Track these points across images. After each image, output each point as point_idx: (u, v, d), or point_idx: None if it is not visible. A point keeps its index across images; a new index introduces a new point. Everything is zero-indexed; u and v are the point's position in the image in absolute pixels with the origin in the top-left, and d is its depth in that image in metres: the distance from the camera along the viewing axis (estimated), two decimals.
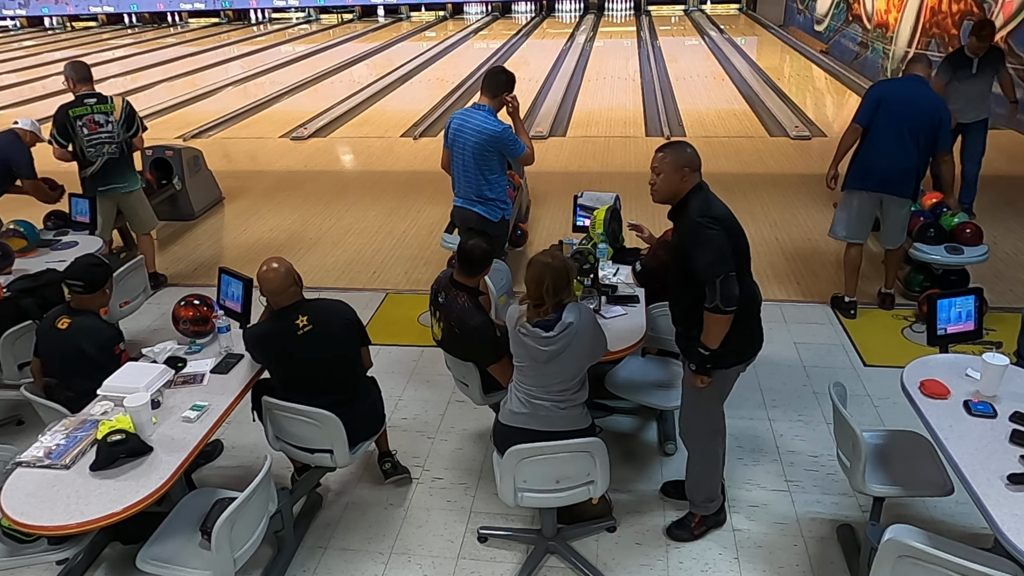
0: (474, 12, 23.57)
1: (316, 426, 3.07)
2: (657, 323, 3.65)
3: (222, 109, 11.90)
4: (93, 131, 5.22)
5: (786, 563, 3.12)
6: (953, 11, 10.13)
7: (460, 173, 4.38)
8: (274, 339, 3.16)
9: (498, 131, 4.21)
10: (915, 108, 4.55)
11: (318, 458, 3.22)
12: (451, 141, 4.36)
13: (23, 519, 2.47)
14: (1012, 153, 8.33)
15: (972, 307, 3.22)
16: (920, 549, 2.16)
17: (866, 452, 2.79)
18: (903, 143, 4.56)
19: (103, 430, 2.68)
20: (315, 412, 3.02)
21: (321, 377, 3.14)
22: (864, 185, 4.73)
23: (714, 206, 2.87)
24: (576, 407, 2.92)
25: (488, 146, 4.23)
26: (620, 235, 4.25)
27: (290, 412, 3.09)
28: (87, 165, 5.29)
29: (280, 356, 3.16)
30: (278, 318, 3.16)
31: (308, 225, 6.99)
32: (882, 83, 5.04)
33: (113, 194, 5.41)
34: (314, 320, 3.11)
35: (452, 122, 4.36)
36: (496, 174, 4.35)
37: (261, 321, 3.30)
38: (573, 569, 3.10)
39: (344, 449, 3.12)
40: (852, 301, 5.00)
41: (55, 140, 5.24)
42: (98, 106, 5.24)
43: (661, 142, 9.25)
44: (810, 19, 16.64)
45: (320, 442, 3.14)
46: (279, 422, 3.19)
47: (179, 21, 24.81)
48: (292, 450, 3.26)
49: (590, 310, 3.12)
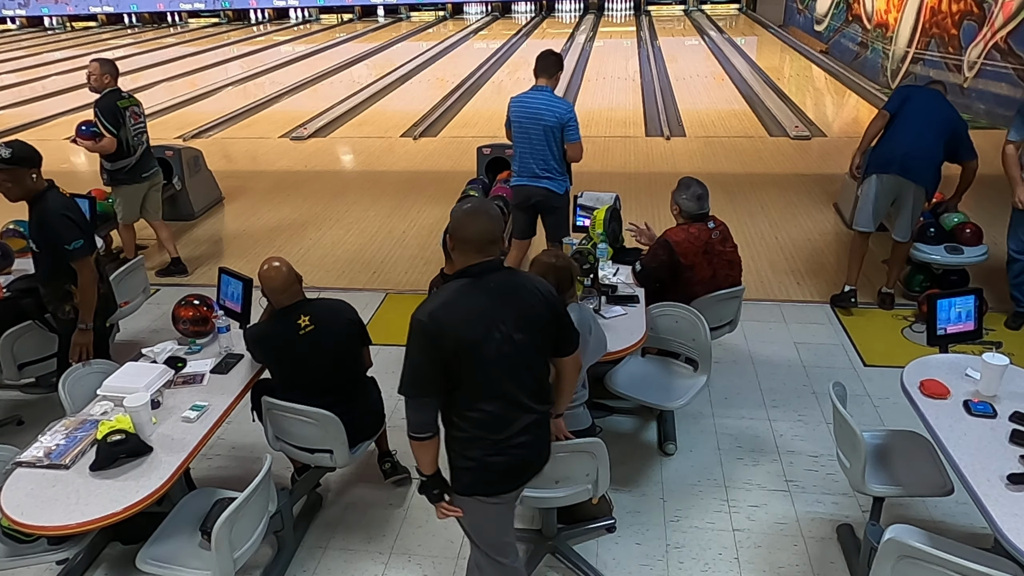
0: (474, 12, 23.56)
1: (316, 426, 3.06)
2: (657, 323, 3.65)
3: (222, 109, 11.90)
4: (136, 122, 5.61)
5: (786, 563, 3.12)
6: (953, 11, 10.13)
7: (527, 152, 4.61)
8: (276, 339, 3.15)
9: (568, 111, 4.50)
10: (941, 107, 4.79)
11: (318, 458, 3.22)
12: (516, 123, 4.59)
13: (23, 519, 2.48)
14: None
15: (972, 307, 3.22)
16: (920, 549, 2.16)
17: (866, 452, 2.80)
18: (928, 133, 4.69)
19: (103, 430, 2.69)
20: (315, 412, 3.02)
21: (322, 377, 3.14)
22: (886, 168, 4.76)
23: (428, 303, 2.25)
24: (576, 407, 2.92)
25: (557, 124, 4.48)
26: (620, 235, 4.26)
27: (290, 412, 3.09)
28: (126, 156, 5.54)
29: (281, 356, 3.15)
30: (280, 318, 3.16)
31: (308, 225, 6.99)
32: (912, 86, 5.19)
33: (150, 179, 5.77)
34: (316, 320, 3.11)
35: (513, 105, 4.60)
36: (561, 150, 4.59)
37: (262, 321, 3.30)
38: (573, 569, 3.10)
39: (344, 449, 3.12)
40: (852, 290, 5.01)
41: (107, 130, 5.41)
42: (132, 99, 5.68)
43: (661, 142, 9.35)
44: (810, 19, 16.63)
45: (320, 442, 3.13)
46: (279, 422, 3.19)
47: (179, 21, 24.81)
48: (292, 450, 3.26)
49: (590, 310, 3.12)
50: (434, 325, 2.20)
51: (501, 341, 2.23)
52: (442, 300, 2.25)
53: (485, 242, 2.26)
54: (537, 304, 2.32)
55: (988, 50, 9.33)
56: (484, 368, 2.25)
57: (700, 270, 3.78)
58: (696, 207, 3.82)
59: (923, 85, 4.99)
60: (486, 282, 2.26)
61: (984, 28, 9.41)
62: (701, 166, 8.06)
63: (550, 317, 2.35)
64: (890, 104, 4.88)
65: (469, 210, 2.36)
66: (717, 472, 3.63)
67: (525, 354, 2.29)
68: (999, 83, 9.19)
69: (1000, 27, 9.08)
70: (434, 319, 2.20)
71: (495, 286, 2.26)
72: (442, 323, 2.20)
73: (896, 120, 4.78)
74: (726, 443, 3.83)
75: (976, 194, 6.97)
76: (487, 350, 2.22)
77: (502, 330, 2.23)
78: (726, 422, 3.99)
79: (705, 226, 3.82)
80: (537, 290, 2.34)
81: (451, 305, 2.23)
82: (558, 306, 2.40)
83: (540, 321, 2.32)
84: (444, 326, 2.20)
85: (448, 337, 2.19)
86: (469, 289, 2.25)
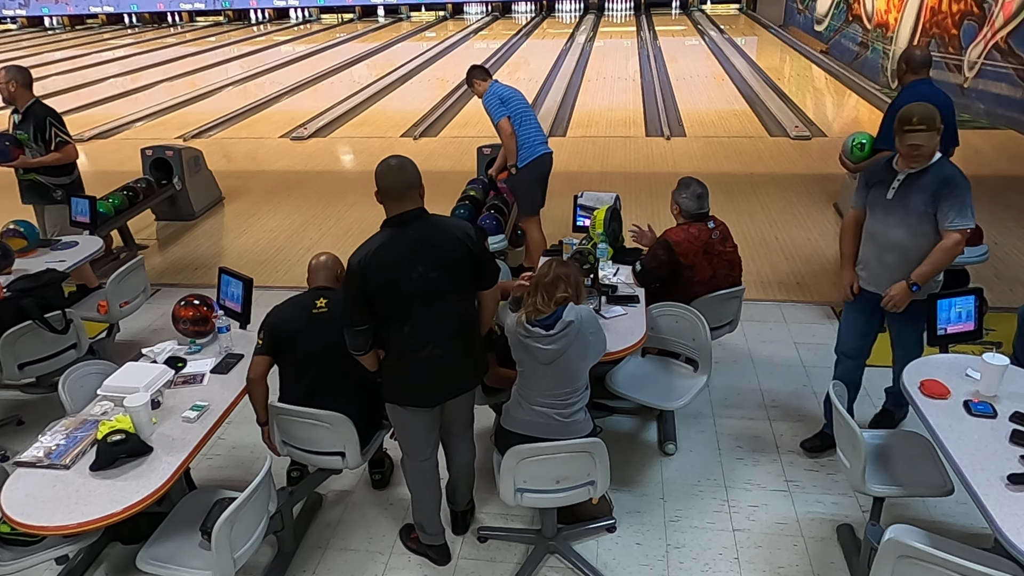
0: (474, 12, 23.58)
1: (327, 428, 3.04)
2: (657, 323, 3.65)
3: (222, 109, 11.90)
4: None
5: (786, 563, 3.12)
6: (953, 11, 10.13)
7: (534, 122, 5.27)
8: (290, 316, 3.11)
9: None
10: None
11: (328, 461, 3.19)
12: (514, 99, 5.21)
13: (23, 519, 2.47)
14: (1012, 153, 8.32)
15: (972, 307, 3.22)
16: (920, 549, 2.16)
17: (866, 452, 2.80)
18: None
19: (103, 430, 2.69)
20: (326, 415, 3.00)
21: (328, 368, 3.09)
22: None
23: (360, 250, 2.72)
24: (578, 412, 2.91)
25: None
26: (620, 235, 4.25)
27: (299, 416, 3.05)
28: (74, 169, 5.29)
29: (292, 337, 3.09)
30: (297, 299, 3.16)
31: (308, 225, 7.00)
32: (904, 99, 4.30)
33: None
34: (331, 305, 3.08)
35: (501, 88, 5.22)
36: None
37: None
38: (573, 569, 3.10)
39: (356, 450, 3.10)
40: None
41: (69, 138, 5.22)
42: None
43: (661, 142, 9.35)
44: (810, 19, 16.63)
45: (331, 445, 3.10)
46: (287, 427, 3.14)
47: (179, 21, 24.82)
48: (300, 454, 3.20)
49: (590, 310, 3.12)
50: (361, 269, 2.67)
51: (417, 280, 2.69)
52: (369, 248, 2.69)
53: (400, 190, 2.70)
54: (453, 247, 2.75)
55: (988, 50, 9.33)
56: (403, 302, 2.72)
57: (700, 270, 3.78)
58: (696, 206, 3.82)
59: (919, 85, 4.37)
60: (406, 230, 2.70)
61: (984, 28, 9.41)
62: (701, 166, 8.07)
63: (466, 257, 2.77)
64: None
65: (382, 165, 2.73)
66: (717, 472, 3.63)
67: (441, 289, 2.74)
68: (999, 83, 9.19)
69: (1000, 27, 9.08)
70: (362, 264, 2.67)
71: (413, 233, 2.71)
72: (367, 267, 2.67)
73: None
74: (726, 443, 3.83)
75: (976, 194, 6.97)
76: (404, 288, 2.70)
77: (419, 271, 2.69)
78: (726, 422, 3.99)
79: (705, 226, 3.82)
80: (455, 237, 2.77)
81: (376, 252, 2.68)
82: (476, 248, 2.81)
83: (456, 261, 2.76)
84: (368, 270, 2.67)
85: (372, 279, 2.68)
86: (391, 237, 2.71)
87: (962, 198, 3.14)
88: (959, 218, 3.13)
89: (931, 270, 3.22)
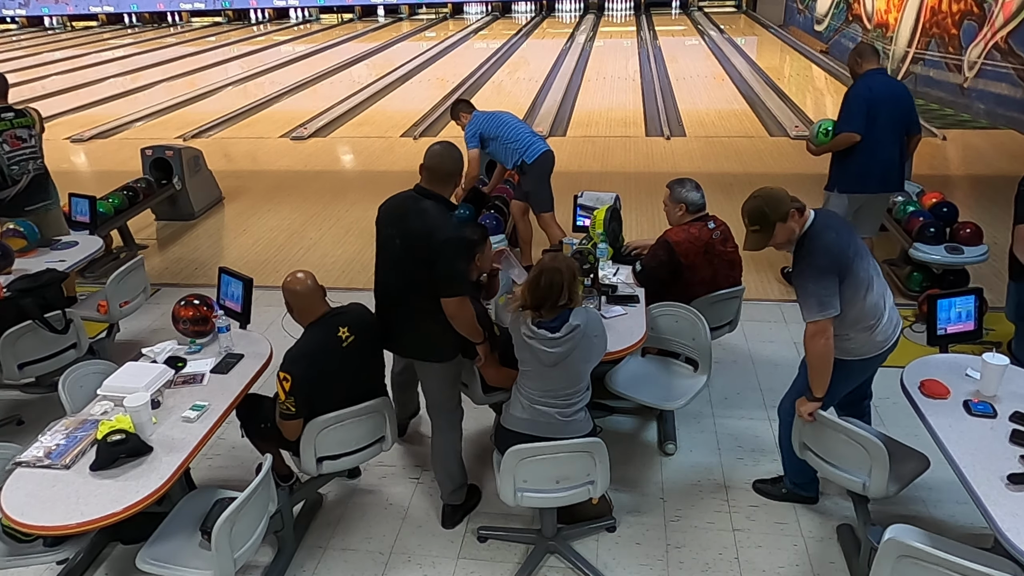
0: (474, 12, 23.57)
1: (368, 419, 3.13)
2: (657, 323, 3.65)
3: (222, 109, 11.90)
4: (16, 147, 4.81)
5: (786, 563, 3.12)
6: (953, 11, 10.13)
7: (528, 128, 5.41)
8: (321, 354, 2.99)
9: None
10: (900, 103, 4.68)
11: (366, 455, 3.23)
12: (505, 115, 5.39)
13: (23, 519, 2.47)
14: (1012, 153, 8.32)
15: (972, 307, 3.22)
16: (920, 549, 2.16)
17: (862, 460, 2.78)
18: (896, 140, 4.67)
19: (103, 430, 2.68)
20: (365, 405, 3.09)
21: (357, 387, 3.09)
22: (864, 188, 4.74)
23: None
24: (579, 412, 2.91)
25: None
26: (620, 235, 4.25)
27: (343, 418, 3.04)
28: (9, 185, 4.81)
29: (326, 371, 2.99)
30: (318, 330, 3.04)
31: (308, 225, 6.99)
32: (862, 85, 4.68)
33: (37, 213, 4.91)
34: (354, 331, 3.05)
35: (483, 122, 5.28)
36: None
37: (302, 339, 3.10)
38: (573, 569, 3.10)
39: (394, 426, 3.28)
40: None
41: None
42: (17, 120, 4.84)
43: (661, 142, 9.34)
44: (810, 19, 16.63)
45: (372, 435, 3.19)
46: (326, 440, 3.07)
47: (179, 21, 24.81)
48: (338, 464, 3.16)
49: (596, 312, 3.12)
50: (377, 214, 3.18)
51: (387, 240, 3.10)
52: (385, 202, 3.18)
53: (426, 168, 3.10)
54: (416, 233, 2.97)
55: (988, 50, 9.33)
56: (380, 254, 3.18)
57: (700, 270, 3.78)
58: (699, 196, 3.86)
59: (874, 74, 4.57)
60: (395, 197, 3.16)
61: (984, 28, 9.42)
62: (701, 166, 8.07)
63: (425, 249, 2.92)
64: (857, 123, 4.60)
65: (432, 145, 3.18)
66: (717, 472, 3.63)
67: (399, 258, 3.04)
68: (999, 83, 9.20)
69: (1000, 27, 9.08)
70: (379, 210, 3.17)
71: (395, 201, 3.14)
72: (379, 215, 3.17)
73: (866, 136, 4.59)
74: (726, 443, 3.83)
75: (976, 194, 7.00)
76: (380, 241, 3.15)
77: (391, 233, 3.08)
78: (726, 422, 3.99)
79: (705, 226, 3.82)
80: (423, 224, 2.97)
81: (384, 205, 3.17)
82: (437, 248, 2.92)
83: (417, 245, 2.96)
84: (378, 218, 3.17)
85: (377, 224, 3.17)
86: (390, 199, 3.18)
87: (803, 287, 2.95)
88: (803, 309, 2.95)
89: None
